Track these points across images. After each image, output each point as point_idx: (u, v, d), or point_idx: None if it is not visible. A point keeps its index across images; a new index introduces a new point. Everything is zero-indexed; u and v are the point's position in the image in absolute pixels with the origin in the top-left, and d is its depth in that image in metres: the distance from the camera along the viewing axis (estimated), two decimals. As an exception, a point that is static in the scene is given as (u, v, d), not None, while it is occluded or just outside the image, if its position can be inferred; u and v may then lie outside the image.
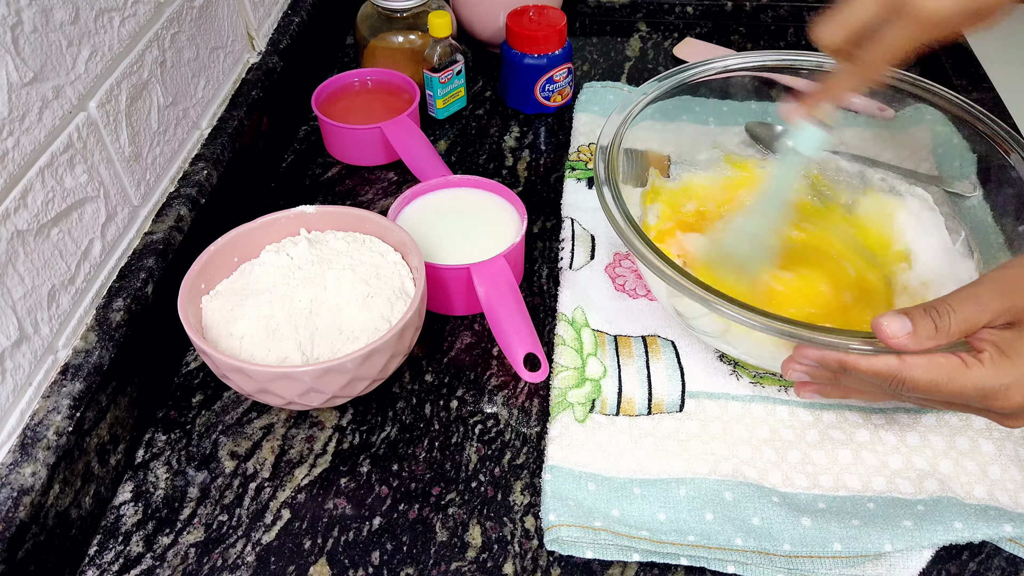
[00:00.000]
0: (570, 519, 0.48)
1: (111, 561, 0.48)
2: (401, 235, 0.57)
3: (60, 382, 0.48)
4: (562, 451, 0.51)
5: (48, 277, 0.48)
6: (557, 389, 0.54)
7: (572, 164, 0.73)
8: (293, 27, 0.78)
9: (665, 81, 0.61)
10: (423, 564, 0.48)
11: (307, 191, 0.73)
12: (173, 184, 0.62)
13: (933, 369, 0.42)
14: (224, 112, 0.68)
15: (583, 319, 0.59)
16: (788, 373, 0.47)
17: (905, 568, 0.46)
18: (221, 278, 0.56)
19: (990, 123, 0.56)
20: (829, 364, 0.45)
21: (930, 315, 0.42)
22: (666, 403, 0.54)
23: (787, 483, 0.50)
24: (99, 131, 0.52)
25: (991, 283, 0.43)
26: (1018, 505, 0.48)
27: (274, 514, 0.50)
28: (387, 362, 0.51)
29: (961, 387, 0.41)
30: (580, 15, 0.94)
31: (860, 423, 0.53)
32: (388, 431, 0.54)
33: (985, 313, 0.42)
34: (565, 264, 0.64)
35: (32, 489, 0.44)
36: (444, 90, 0.77)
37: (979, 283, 0.43)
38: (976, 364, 0.41)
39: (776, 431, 0.53)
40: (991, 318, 0.42)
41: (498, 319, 0.56)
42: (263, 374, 0.48)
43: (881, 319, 0.42)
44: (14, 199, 0.45)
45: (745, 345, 0.52)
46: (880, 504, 0.49)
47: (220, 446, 0.54)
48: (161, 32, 0.59)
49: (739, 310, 0.45)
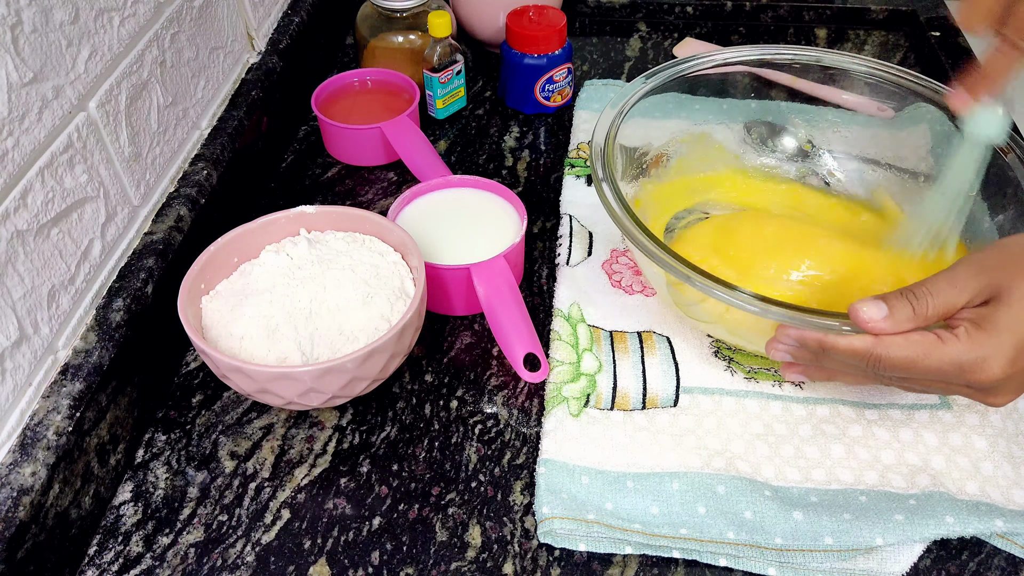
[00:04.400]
0: (563, 512, 0.48)
1: (111, 561, 0.48)
2: (401, 235, 0.57)
3: (60, 382, 0.48)
4: (556, 445, 0.51)
5: (48, 277, 0.48)
6: (552, 384, 0.55)
7: (571, 161, 0.73)
8: (293, 27, 0.79)
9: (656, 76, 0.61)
10: (423, 564, 0.48)
11: (307, 191, 0.73)
12: (173, 184, 0.62)
13: (909, 346, 0.42)
14: (224, 112, 0.68)
15: (579, 315, 0.59)
16: (771, 353, 0.48)
17: (896, 562, 0.46)
18: (221, 278, 0.56)
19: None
20: (809, 344, 0.45)
21: (907, 299, 0.42)
22: (661, 398, 0.54)
23: (780, 477, 0.50)
24: (99, 131, 0.52)
25: (967, 265, 0.43)
26: (1010, 501, 0.48)
27: (274, 514, 0.50)
28: (387, 362, 0.51)
29: (938, 362, 0.42)
30: (580, 15, 0.94)
31: (853, 418, 0.53)
32: (388, 431, 0.55)
33: (962, 294, 0.42)
34: (562, 260, 0.64)
35: (32, 489, 0.44)
36: (444, 90, 0.77)
37: (955, 266, 0.43)
38: (952, 339, 0.41)
39: (769, 426, 0.53)
40: (968, 299, 0.42)
41: (498, 319, 0.56)
42: (263, 374, 0.48)
43: (858, 304, 0.43)
44: (14, 199, 0.45)
45: (743, 329, 0.52)
46: (872, 498, 0.49)
47: (220, 446, 0.54)
48: (161, 32, 0.59)
49: (734, 294, 0.46)
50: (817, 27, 0.92)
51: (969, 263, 0.43)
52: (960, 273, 0.43)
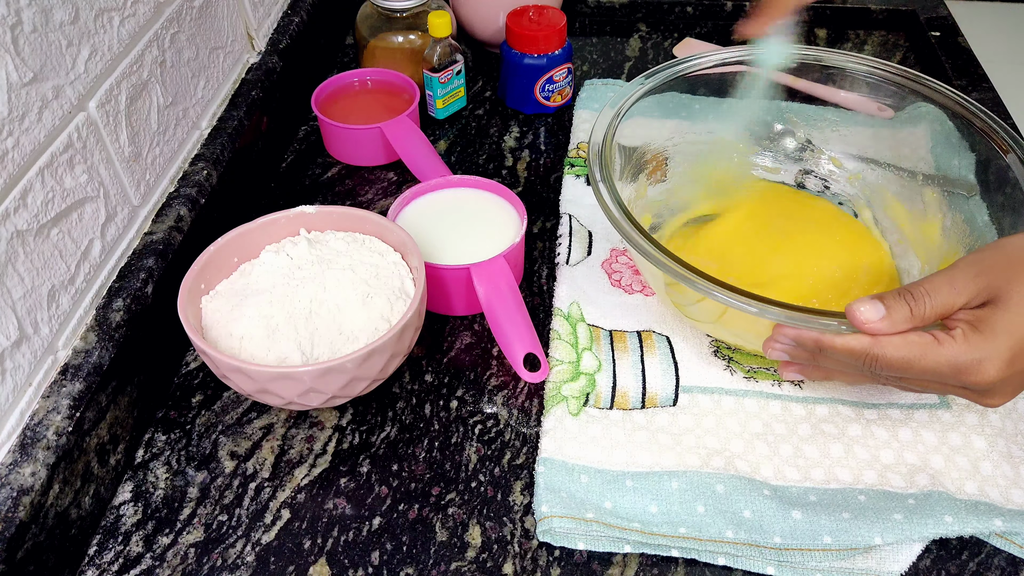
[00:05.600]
0: (562, 511, 0.48)
1: (111, 561, 0.48)
2: (401, 235, 0.57)
3: (60, 382, 0.48)
4: (555, 444, 0.51)
5: (48, 277, 0.48)
6: (552, 383, 0.55)
7: (571, 161, 0.73)
8: (293, 27, 0.79)
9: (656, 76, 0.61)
10: (423, 564, 0.48)
11: (307, 191, 0.73)
12: (173, 184, 0.62)
13: (905, 347, 0.42)
14: (224, 112, 0.68)
15: (579, 314, 0.59)
16: (768, 352, 0.48)
17: (895, 561, 0.46)
18: (221, 278, 0.56)
19: (988, 120, 0.56)
20: (806, 343, 0.45)
21: (905, 299, 0.42)
22: (660, 397, 0.54)
23: (779, 476, 0.50)
24: (99, 131, 0.52)
25: (966, 266, 0.43)
26: (1009, 501, 0.48)
27: (274, 514, 0.50)
28: (387, 362, 0.51)
29: (935, 363, 0.42)
30: (580, 15, 0.94)
31: (852, 418, 0.53)
32: (388, 431, 0.55)
33: (960, 296, 0.42)
34: (562, 259, 0.64)
35: (32, 489, 0.44)
36: (444, 90, 0.77)
37: (954, 267, 0.43)
38: (948, 340, 0.41)
39: (769, 425, 0.53)
40: (966, 300, 0.42)
41: (498, 319, 0.56)
42: (263, 374, 0.48)
43: (855, 304, 0.43)
44: (14, 199, 0.45)
45: (740, 330, 0.52)
46: (871, 497, 0.49)
47: (220, 446, 0.54)
48: (161, 32, 0.59)
49: (733, 295, 0.46)
50: (817, 27, 0.92)
51: (968, 264, 0.43)
52: (959, 274, 0.42)
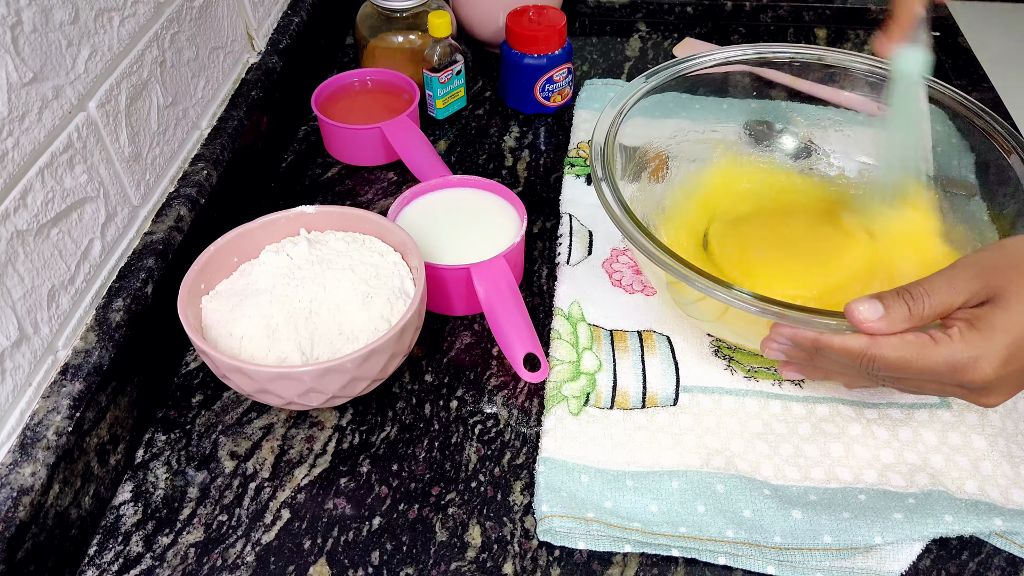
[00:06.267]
0: (563, 510, 0.48)
1: (111, 561, 0.48)
2: (401, 235, 0.57)
3: (60, 382, 0.48)
4: (556, 443, 0.51)
5: (48, 277, 0.48)
6: (552, 383, 0.55)
7: (571, 160, 0.73)
8: (293, 27, 0.79)
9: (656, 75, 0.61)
10: (423, 564, 0.48)
11: (307, 191, 0.73)
12: (173, 184, 0.62)
13: (903, 346, 0.42)
14: (224, 112, 0.68)
15: (579, 314, 0.59)
16: (765, 351, 0.48)
17: (895, 561, 0.46)
18: (221, 278, 0.56)
19: (988, 119, 0.56)
20: (803, 343, 0.45)
21: (903, 299, 0.42)
22: (660, 397, 0.54)
23: (779, 476, 0.50)
24: (99, 131, 0.52)
25: (965, 266, 0.43)
26: (1009, 501, 0.48)
27: (274, 514, 0.50)
28: (387, 362, 0.51)
29: (932, 363, 0.41)
30: (580, 15, 0.94)
31: (853, 417, 0.53)
32: (388, 431, 0.55)
33: (960, 295, 0.42)
34: (562, 259, 0.64)
35: (32, 489, 0.44)
36: (444, 90, 0.77)
37: (953, 267, 0.43)
38: (945, 339, 0.41)
39: (769, 425, 0.53)
40: (965, 300, 0.42)
41: (498, 319, 0.56)
42: (263, 374, 0.48)
43: (854, 304, 0.43)
44: (14, 199, 0.45)
45: (741, 329, 0.52)
46: (871, 497, 0.49)
47: (220, 446, 0.54)
48: (161, 32, 0.59)
49: (733, 294, 0.46)
50: (817, 27, 0.92)
51: (968, 264, 0.43)
52: (958, 274, 0.42)
